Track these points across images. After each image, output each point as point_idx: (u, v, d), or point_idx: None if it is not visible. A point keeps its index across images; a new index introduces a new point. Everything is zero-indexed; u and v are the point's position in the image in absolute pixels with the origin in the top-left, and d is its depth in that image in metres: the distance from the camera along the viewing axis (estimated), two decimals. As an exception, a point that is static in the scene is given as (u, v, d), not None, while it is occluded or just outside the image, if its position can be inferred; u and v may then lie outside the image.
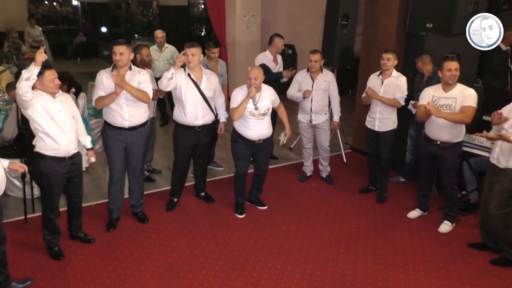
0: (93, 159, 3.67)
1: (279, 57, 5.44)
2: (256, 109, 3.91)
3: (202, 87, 4.00)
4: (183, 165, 4.29)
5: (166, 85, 3.91)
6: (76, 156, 3.44)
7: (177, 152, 4.28)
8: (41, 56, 2.99)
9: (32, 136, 3.33)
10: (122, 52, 3.59)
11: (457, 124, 3.77)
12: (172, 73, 3.83)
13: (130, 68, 3.72)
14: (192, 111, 4.03)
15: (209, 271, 3.45)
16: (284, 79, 5.31)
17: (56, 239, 3.53)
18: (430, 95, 3.89)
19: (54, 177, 3.31)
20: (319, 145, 5.00)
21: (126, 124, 3.75)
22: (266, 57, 5.24)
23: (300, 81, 4.79)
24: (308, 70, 4.74)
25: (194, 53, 3.87)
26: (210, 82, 4.07)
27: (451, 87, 3.78)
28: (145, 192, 4.66)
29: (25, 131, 3.71)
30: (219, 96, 4.27)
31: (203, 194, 4.61)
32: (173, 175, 4.37)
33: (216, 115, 4.28)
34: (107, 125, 3.82)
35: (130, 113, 3.73)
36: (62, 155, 3.29)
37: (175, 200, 4.44)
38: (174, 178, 4.37)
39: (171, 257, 3.61)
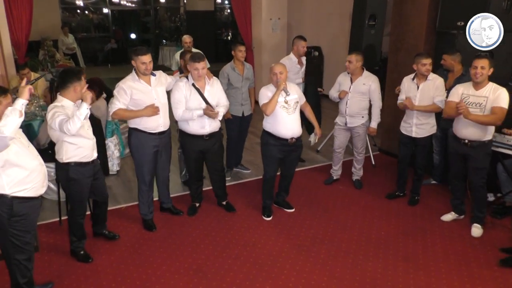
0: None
1: (303, 59, 5.42)
2: (286, 102, 3.93)
3: (205, 94, 4.01)
4: (196, 173, 4.33)
5: (182, 120, 4.01)
6: (96, 158, 3.57)
7: (187, 161, 4.35)
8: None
9: None
10: (203, 67, 3.88)
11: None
12: (199, 116, 3.93)
13: (153, 75, 3.85)
14: (198, 120, 4.01)
15: (237, 273, 3.47)
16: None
17: (82, 243, 3.64)
18: (459, 92, 3.80)
19: (83, 181, 3.41)
20: (354, 146, 4.93)
21: (161, 128, 3.89)
22: (290, 60, 5.22)
23: (340, 82, 4.75)
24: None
25: (204, 66, 3.92)
26: (212, 87, 4.09)
27: (482, 85, 3.68)
28: (177, 194, 4.76)
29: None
30: (224, 101, 4.19)
31: (224, 203, 4.55)
32: (189, 183, 4.48)
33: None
34: (138, 132, 3.86)
35: (164, 118, 3.90)
36: (87, 160, 3.40)
37: (197, 205, 4.49)
38: (191, 186, 4.46)
39: (200, 259, 3.65)
